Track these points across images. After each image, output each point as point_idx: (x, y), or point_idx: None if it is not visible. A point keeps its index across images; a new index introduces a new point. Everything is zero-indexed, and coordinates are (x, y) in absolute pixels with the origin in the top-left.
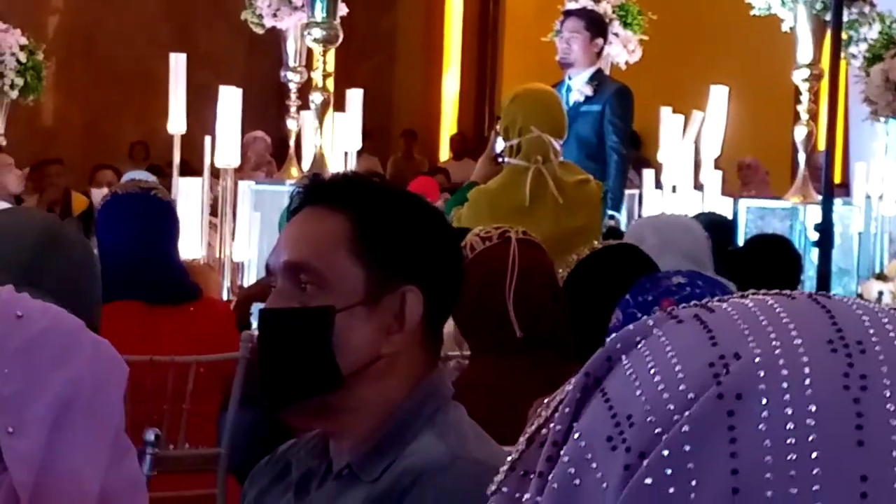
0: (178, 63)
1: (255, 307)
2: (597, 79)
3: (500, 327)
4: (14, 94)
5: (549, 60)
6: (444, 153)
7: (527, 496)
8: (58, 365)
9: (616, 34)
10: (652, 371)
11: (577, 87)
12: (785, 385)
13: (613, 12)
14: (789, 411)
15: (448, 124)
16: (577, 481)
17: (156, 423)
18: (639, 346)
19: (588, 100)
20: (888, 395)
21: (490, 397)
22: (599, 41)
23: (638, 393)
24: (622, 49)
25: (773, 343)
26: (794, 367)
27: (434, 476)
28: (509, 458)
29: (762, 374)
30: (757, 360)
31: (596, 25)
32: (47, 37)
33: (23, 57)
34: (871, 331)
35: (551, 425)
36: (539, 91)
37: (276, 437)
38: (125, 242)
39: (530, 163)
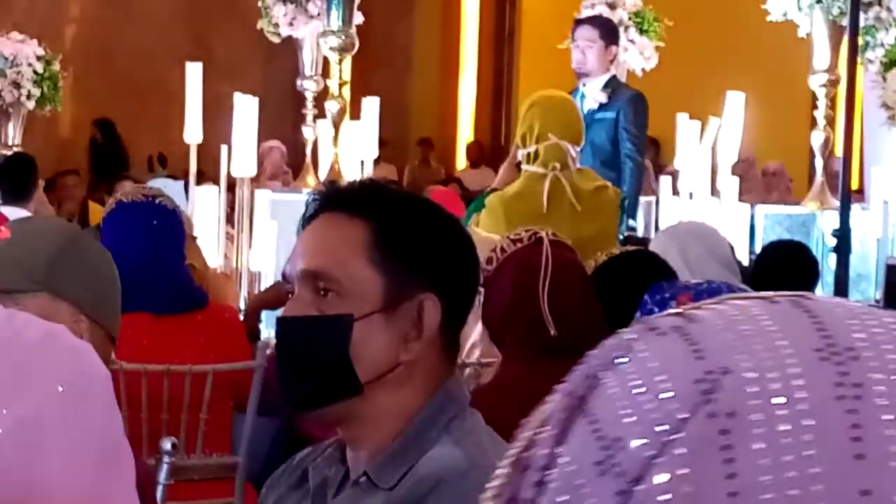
0: (193, 72)
1: (266, 315)
2: (611, 86)
3: (534, 328)
4: (31, 104)
5: (566, 67)
6: (461, 161)
7: None
8: (15, 385)
9: (632, 41)
10: (637, 390)
11: (592, 94)
12: (778, 400)
13: (629, 19)
14: (784, 427)
15: (465, 132)
16: None
17: (171, 432)
18: (620, 363)
19: (602, 107)
20: (884, 403)
21: (523, 400)
22: (614, 48)
23: (624, 413)
24: (638, 56)
25: (762, 355)
26: (786, 380)
27: (451, 483)
28: (489, 487)
29: (753, 389)
30: (746, 374)
31: (610, 33)
32: (64, 47)
33: (39, 67)
34: (860, 335)
35: (534, 449)
36: (556, 98)
37: (293, 445)
38: (129, 251)
39: (548, 170)
